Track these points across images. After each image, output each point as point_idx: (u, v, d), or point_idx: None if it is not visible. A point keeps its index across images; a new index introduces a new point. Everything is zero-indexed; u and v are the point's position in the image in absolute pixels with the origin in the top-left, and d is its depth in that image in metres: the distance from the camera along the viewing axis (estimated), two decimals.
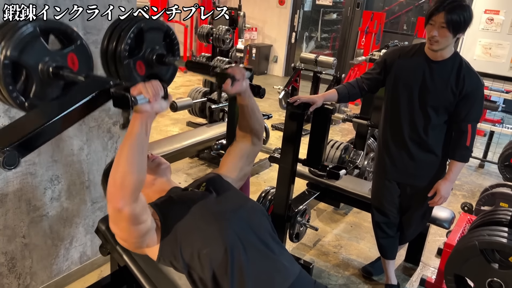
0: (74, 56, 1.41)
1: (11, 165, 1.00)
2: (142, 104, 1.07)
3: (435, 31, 1.87)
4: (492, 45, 5.45)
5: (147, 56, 1.65)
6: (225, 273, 1.18)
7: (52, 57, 1.33)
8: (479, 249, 1.72)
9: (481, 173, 4.65)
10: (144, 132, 1.09)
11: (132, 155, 1.08)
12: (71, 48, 1.40)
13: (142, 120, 1.09)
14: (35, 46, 1.28)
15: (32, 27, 1.27)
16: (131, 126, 1.10)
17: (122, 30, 1.55)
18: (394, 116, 2.14)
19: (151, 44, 1.66)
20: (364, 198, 2.78)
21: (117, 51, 1.55)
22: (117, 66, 1.55)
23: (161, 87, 1.11)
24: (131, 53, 1.59)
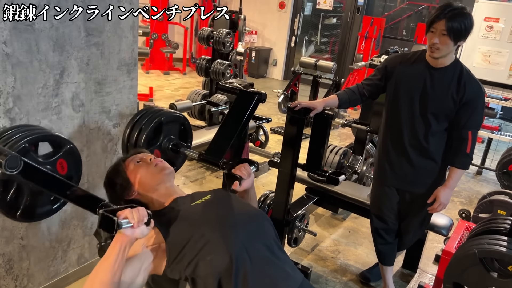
0: (63, 162, 1.49)
1: (13, 168, 1.00)
2: (126, 228, 1.13)
3: (436, 38, 1.88)
4: (492, 53, 5.47)
5: (164, 145, 1.88)
6: (229, 280, 1.18)
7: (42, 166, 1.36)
8: (478, 257, 1.72)
9: (478, 180, 4.66)
10: (122, 254, 1.14)
11: (107, 277, 1.12)
12: (59, 154, 1.47)
13: (122, 244, 1.14)
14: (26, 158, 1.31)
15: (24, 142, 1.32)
16: (111, 249, 1.14)
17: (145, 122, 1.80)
18: (394, 123, 2.14)
19: (168, 135, 1.90)
20: (362, 204, 2.78)
21: (138, 140, 1.78)
22: None
23: (146, 214, 1.17)
24: (150, 142, 1.81)
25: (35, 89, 1.81)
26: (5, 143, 1.27)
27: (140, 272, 1.23)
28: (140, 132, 1.80)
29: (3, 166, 1.01)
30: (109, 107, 2.18)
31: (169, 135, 1.92)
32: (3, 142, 1.27)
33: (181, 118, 1.97)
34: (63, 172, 1.47)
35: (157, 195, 1.45)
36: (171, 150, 1.90)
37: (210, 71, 4.39)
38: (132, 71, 2.25)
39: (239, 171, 1.51)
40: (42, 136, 1.42)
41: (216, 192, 1.50)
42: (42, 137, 1.41)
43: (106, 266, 1.12)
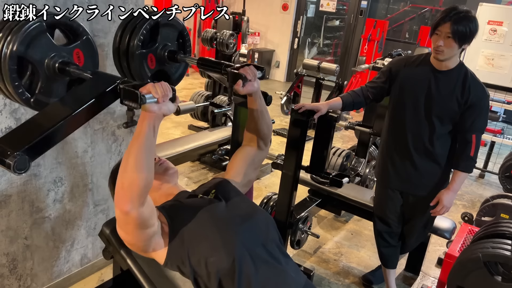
0: (80, 52, 1.40)
1: (22, 169, 1.00)
2: (150, 103, 1.06)
3: (441, 41, 1.88)
4: (495, 56, 5.47)
5: (160, 51, 1.64)
6: (232, 283, 1.18)
7: (58, 53, 1.32)
8: (482, 261, 1.72)
9: (481, 183, 4.65)
10: (151, 133, 1.08)
11: (140, 157, 1.07)
12: (77, 43, 1.39)
13: (150, 121, 1.08)
14: (41, 41, 1.27)
15: (38, 22, 1.26)
16: (139, 126, 1.09)
17: (139, 22, 1.55)
18: (398, 125, 2.14)
19: (165, 40, 1.66)
20: (365, 206, 2.78)
21: (131, 40, 1.55)
22: (129, 56, 1.54)
23: (170, 89, 1.10)
24: (144, 45, 1.58)
25: None
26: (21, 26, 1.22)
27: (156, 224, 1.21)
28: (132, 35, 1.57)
29: (12, 167, 0.99)
30: (113, 108, 2.19)
31: (165, 42, 1.70)
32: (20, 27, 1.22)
33: (180, 25, 1.75)
34: (81, 64, 1.40)
35: (160, 194, 1.45)
36: (167, 57, 1.69)
37: None
38: None
39: (243, 70, 1.39)
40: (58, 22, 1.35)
41: (220, 189, 1.45)
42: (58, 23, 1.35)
43: (138, 144, 1.07)
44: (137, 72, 1.55)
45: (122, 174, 1.09)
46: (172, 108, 1.11)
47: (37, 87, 1.30)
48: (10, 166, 0.98)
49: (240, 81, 1.36)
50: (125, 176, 1.08)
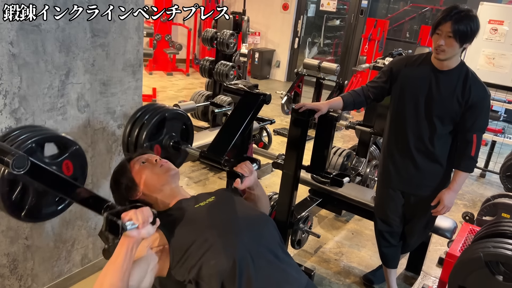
0: (69, 163, 1.48)
1: (20, 168, 1.00)
2: (131, 230, 1.13)
3: (441, 40, 1.88)
4: (496, 55, 5.47)
5: (165, 142, 1.86)
6: (233, 284, 1.18)
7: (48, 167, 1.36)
8: (484, 261, 1.72)
9: (482, 182, 4.65)
10: (129, 255, 1.14)
11: (116, 280, 1.12)
12: (65, 155, 1.46)
13: (129, 246, 1.14)
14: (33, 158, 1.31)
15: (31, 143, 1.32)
16: (118, 250, 1.15)
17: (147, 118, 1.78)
18: (399, 125, 2.14)
19: (169, 132, 1.87)
20: (366, 206, 2.78)
21: (139, 135, 1.75)
22: (137, 147, 1.75)
23: (151, 214, 1.17)
24: (151, 138, 1.79)
25: (41, 90, 1.82)
26: (12, 143, 1.27)
27: (147, 274, 1.24)
28: (142, 128, 1.78)
29: (10, 165, 1.01)
30: (114, 108, 2.19)
31: (171, 132, 1.89)
32: (10, 142, 1.27)
33: (184, 117, 1.94)
34: (69, 173, 1.47)
35: (162, 195, 1.45)
36: (172, 147, 1.87)
37: (214, 72, 4.40)
38: (137, 72, 2.25)
39: (240, 168, 1.52)
40: (49, 137, 1.42)
41: (220, 194, 1.50)
42: (48, 138, 1.41)
43: (115, 269, 1.12)
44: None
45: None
46: (151, 231, 1.17)
47: (28, 202, 1.37)
48: (8, 164, 0.98)
49: (238, 179, 1.48)
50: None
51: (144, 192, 1.46)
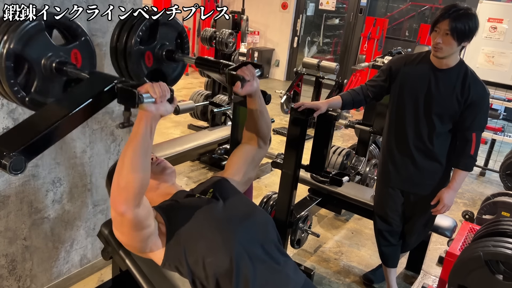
0: (77, 53, 1.39)
1: (18, 170, 0.99)
2: (148, 103, 1.05)
3: (439, 38, 1.87)
4: (495, 54, 5.46)
5: (158, 50, 1.63)
6: (230, 283, 1.17)
7: (55, 52, 1.31)
8: (483, 260, 1.71)
9: (482, 181, 4.64)
10: (148, 133, 1.07)
11: (136, 157, 1.06)
12: (75, 44, 1.38)
13: (147, 121, 1.07)
14: (39, 40, 1.26)
15: (37, 21, 1.26)
16: (136, 127, 1.07)
17: (137, 20, 1.54)
18: (399, 124, 2.13)
19: (163, 39, 1.64)
20: (365, 205, 2.77)
21: (129, 38, 1.53)
22: (126, 53, 1.53)
23: (168, 89, 1.09)
24: (142, 43, 1.57)
25: None
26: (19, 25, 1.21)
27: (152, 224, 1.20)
28: (131, 31, 1.56)
29: (8, 169, 0.98)
30: (112, 108, 2.18)
31: (164, 41, 1.67)
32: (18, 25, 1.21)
33: (179, 26, 1.73)
34: (78, 65, 1.39)
35: (158, 194, 1.44)
36: (165, 56, 1.67)
37: None
38: None
39: (241, 71, 1.38)
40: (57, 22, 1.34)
41: (218, 186, 1.44)
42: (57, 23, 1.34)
43: (134, 145, 1.06)
44: (134, 70, 1.54)
45: (118, 175, 1.08)
46: (169, 109, 1.11)
47: (33, 86, 1.29)
48: (6, 167, 0.97)
49: (238, 82, 1.35)
50: (121, 177, 1.07)
51: None
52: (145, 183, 1.10)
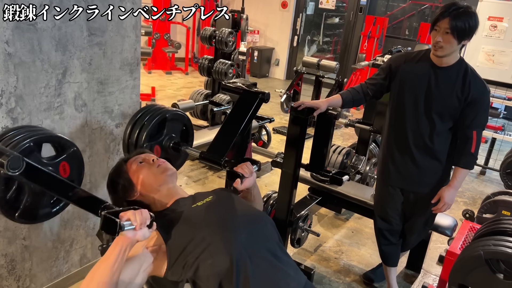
0: (66, 164, 1.48)
1: (15, 169, 0.98)
2: (128, 230, 1.12)
3: (439, 36, 1.87)
4: (495, 52, 5.45)
5: (165, 143, 1.86)
6: (231, 283, 1.17)
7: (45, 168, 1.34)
8: (484, 259, 1.71)
9: (482, 180, 4.64)
10: (122, 256, 1.13)
11: (104, 277, 1.11)
12: (63, 156, 1.46)
13: (123, 246, 1.13)
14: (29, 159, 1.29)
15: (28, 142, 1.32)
16: (111, 249, 1.14)
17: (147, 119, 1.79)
18: (398, 123, 2.12)
19: (169, 133, 1.87)
20: (365, 204, 2.77)
21: (139, 137, 1.76)
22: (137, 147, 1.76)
23: (148, 217, 1.16)
24: (152, 138, 1.80)
25: (38, 89, 1.81)
26: (8, 143, 1.26)
27: (139, 273, 1.23)
28: (142, 128, 1.79)
29: (5, 166, 1.00)
30: (111, 107, 2.17)
31: (171, 133, 1.90)
32: (6, 142, 1.26)
33: (184, 118, 1.96)
34: (65, 175, 1.47)
35: (159, 196, 1.44)
36: (172, 148, 1.88)
37: (213, 70, 4.38)
38: (134, 71, 2.24)
39: (240, 169, 1.52)
40: (46, 137, 1.41)
41: (218, 193, 1.48)
42: (45, 138, 1.40)
43: (105, 267, 1.12)
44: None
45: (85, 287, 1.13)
46: (147, 234, 1.16)
47: (23, 202, 1.36)
48: (3, 165, 0.96)
49: (238, 179, 1.48)
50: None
51: (141, 193, 1.45)
52: None
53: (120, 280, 1.15)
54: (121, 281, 1.15)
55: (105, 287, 1.10)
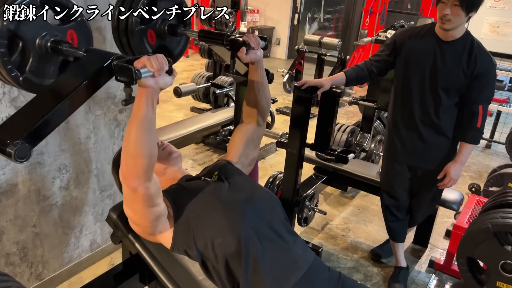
0: (73, 33, 1.37)
1: (23, 158, 0.98)
2: (146, 77, 1.01)
3: (447, 9, 1.82)
4: (500, 23, 5.35)
5: (159, 26, 1.61)
6: (239, 263, 1.17)
7: (50, 32, 1.29)
8: (492, 231, 1.71)
9: (488, 153, 4.62)
10: (150, 108, 1.04)
11: (141, 133, 1.04)
12: (71, 24, 1.36)
13: (147, 96, 1.03)
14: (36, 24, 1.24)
15: None
16: (137, 103, 1.04)
17: None
18: (404, 99, 2.10)
19: (163, 14, 1.61)
20: (371, 181, 2.77)
21: (129, 18, 1.52)
22: (128, 33, 1.52)
23: (165, 61, 1.05)
24: (143, 22, 1.55)
25: None
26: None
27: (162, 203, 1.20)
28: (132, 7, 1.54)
29: (13, 157, 0.98)
30: (114, 92, 2.16)
31: (164, 16, 1.65)
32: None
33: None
34: (74, 44, 1.37)
35: (165, 178, 1.44)
36: (168, 31, 1.66)
37: (213, 52, 4.34)
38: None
39: (247, 37, 1.40)
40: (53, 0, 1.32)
41: (223, 169, 1.43)
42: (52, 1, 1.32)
43: (138, 121, 1.04)
44: (137, 49, 1.54)
45: (125, 153, 1.07)
46: (169, 81, 1.07)
47: (28, 66, 1.27)
48: (11, 155, 0.96)
49: (243, 48, 1.35)
50: (128, 155, 1.07)
51: None
52: (153, 158, 1.09)
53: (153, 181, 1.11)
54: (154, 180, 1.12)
55: (144, 141, 1.04)
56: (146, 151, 1.06)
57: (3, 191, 1.82)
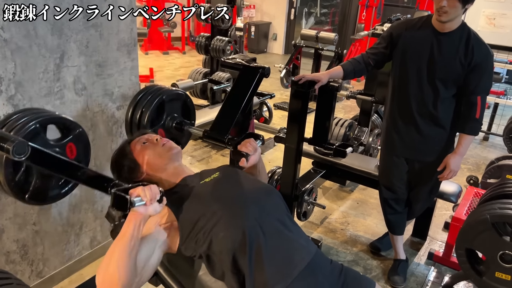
0: (72, 145, 1.48)
1: (21, 154, 0.98)
2: (139, 206, 1.13)
3: (444, 1, 1.82)
4: (496, 15, 5.35)
5: (167, 124, 1.87)
6: (244, 255, 1.18)
7: (51, 149, 1.35)
8: (490, 222, 1.72)
9: (485, 145, 4.64)
10: (137, 232, 1.14)
11: (123, 257, 1.11)
12: (69, 138, 1.46)
13: (136, 222, 1.14)
14: (36, 142, 1.30)
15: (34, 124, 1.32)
16: (125, 227, 1.14)
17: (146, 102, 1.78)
18: (401, 91, 2.11)
19: (171, 113, 1.87)
20: (370, 175, 2.78)
21: (141, 120, 1.75)
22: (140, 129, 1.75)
23: (158, 192, 1.17)
24: (153, 122, 1.79)
25: (36, 74, 1.79)
26: (13, 126, 1.26)
27: (155, 251, 1.24)
28: (143, 112, 1.78)
29: (11, 152, 1.00)
30: (111, 90, 2.16)
31: (172, 114, 1.89)
32: (11, 126, 1.26)
33: (183, 96, 1.94)
34: (72, 156, 1.47)
35: (166, 175, 1.45)
36: (175, 128, 1.87)
37: (210, 48, 4.33)
38: (132, 52, 2.21)
39: (244, 147, 1.51)
40: (51, 119, 1.40)
41: (224, 169, 1.49)
42: (51, 120, 1.39)
43: (122, 245, 1.12)
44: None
45: (104, 271, 1.11)
46: (158, 209, 1.18)
47: (32, 184, 1.36)
48: (9, 151, 0.96)
49: (243, 159, 1.47)
50: (107, 273, 1.10)
51: (147, 173, 1.46)
52: (130, 283, 1.12)
53: (137, 259, 1.16)
54: (138, 260, 1.16)
55: (125, 265, 1.10)
56: (125, 273, 1.10)
57: None
